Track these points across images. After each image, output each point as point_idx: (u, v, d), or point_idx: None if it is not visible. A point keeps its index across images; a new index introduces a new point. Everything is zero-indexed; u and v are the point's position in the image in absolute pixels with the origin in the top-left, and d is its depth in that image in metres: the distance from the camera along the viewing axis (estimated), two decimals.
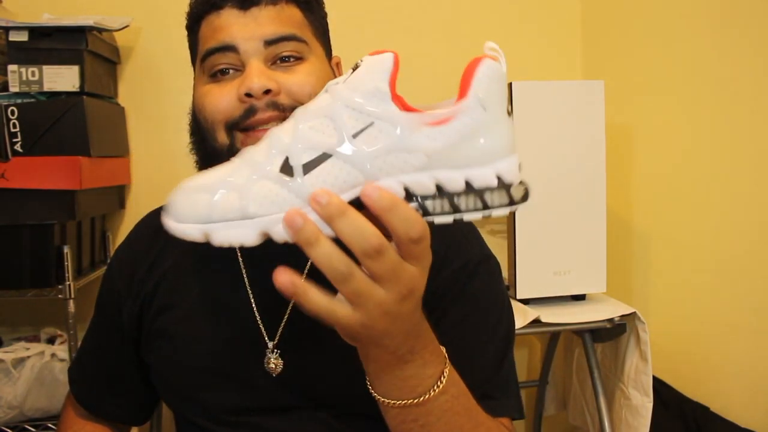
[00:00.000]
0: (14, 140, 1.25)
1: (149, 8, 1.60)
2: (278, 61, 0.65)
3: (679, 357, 1.39)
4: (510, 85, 1.30)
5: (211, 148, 0.66)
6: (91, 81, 1.37)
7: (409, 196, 0.43)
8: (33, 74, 1.30)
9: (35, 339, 1.47)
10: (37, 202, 1.25)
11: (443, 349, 0.56)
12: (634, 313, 1.30)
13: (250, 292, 0.72)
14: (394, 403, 0.53)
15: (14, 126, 1.24)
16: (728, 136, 1.26)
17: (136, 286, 0.76)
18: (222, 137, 0.65)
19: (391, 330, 0.47)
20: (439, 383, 0.53)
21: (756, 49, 1.19)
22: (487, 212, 0.44)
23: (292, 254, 0.47)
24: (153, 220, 0.81)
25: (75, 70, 1.32)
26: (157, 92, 1.64)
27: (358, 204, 0.43)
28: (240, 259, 0.74)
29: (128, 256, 0.80)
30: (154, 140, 1.64)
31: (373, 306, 0.45)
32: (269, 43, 0.64)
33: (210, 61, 0.65)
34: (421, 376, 0.52)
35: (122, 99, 1.61)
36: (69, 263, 1.28)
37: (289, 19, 0.67)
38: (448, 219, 0.44)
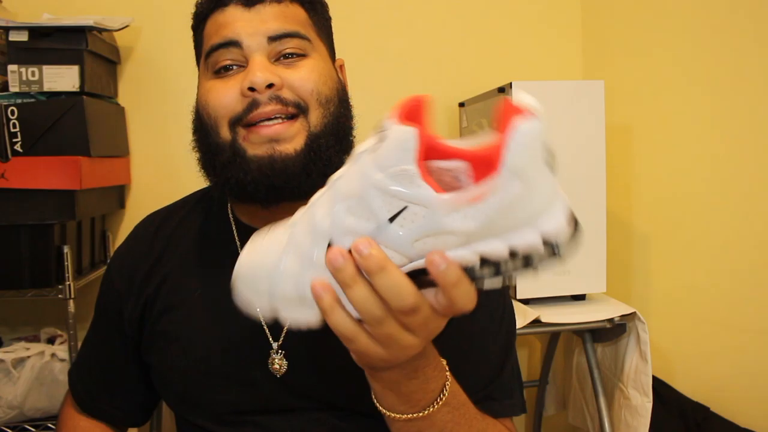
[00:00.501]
0: (14, 140, 1.25)
1: (149, 8, 1.60)
2: (281, 58, 0.66)
3: (679, 357, 1.39)
4: (510, 85, 1.30)
5: (213, 143, 0.66)
6: (91, 81, 1.37)
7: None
8: (33, 74, 1.30)
9: (35, 339, 1.47)
10: (37, 202, 1.25)
11: (444, 362, 0.57)
12: (634, 313, 1.30)
13: None
14: (399, 417, 0.54)
15: (14, 126, 1.24)
16: (728, 136, 1.26)
17: (137, 287, 0.76)
18: (224, 133, 0.65)
19: (405, 360, 0.49)
20: (441, 396, 0.54)
21: (756, 49, 1.19)
22: (535, 269, 0.42)
23: None
24: (152, 221, 0.81)
25: (75, 70, 1.32)
26: (157, 92, 1.64)
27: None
28: None
29: (128, 257, 0.79)
30: (154, 140, 1.64)
31: (398, 348, 0.46)
32: (273, 39, 0.64)
33: (214, 57, 0.66)
34: (425, 391, 0.53)
35: (122, 99, 1.61)
36: (69, 263, 1.28)
37: (293, 17, 0.67)
38: (497, 284, 0.43)
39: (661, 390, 1.34)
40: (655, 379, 1.31)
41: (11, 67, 1.30)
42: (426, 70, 1.73)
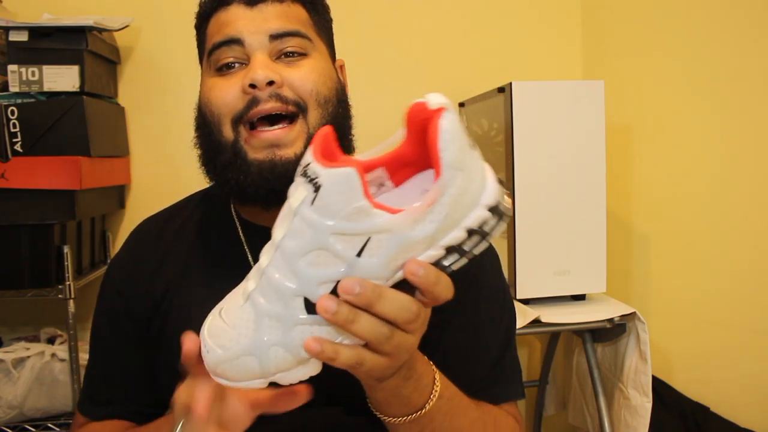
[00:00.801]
0: (14, 140, 1.25)
1: (149, 8, 1.60)
2: (282, 56, 0.67)
3: (679, 357, 1.39)
4: (510, 85, 1.30)
5: (216, 141, 0.67)
6: (91, 81, 1.37)
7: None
8: (33, 74, 1.30)
9: (35, 339, 1.47)
10: (37, 202, 1.25)
11: (425, 356, 0.58)
12: (634, 313, 1.30)
13: None
14: (403, 420, 0.55)
15: (14, 126, 1.24)
16: (728, 136, 1.26)
17: (143, 290, 0.75)
18: (227, 131, 0.66)
19: (405, 360, 0.51)
20: (435, 390, 0.56)
21: (756, 49, 1.19)
22: (490, 239, 0.45)
23: None
24: (153, 224, 0.80)
25: (75, 70, 1.32)
26: (157, 92, 1.64)
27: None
28: (251, 258, 0.73)
29: (130, 261, 0.78)
30: (154, 140, 1.64)
31: (403, 352, 0.48)
32: (274, 37, 0.65)
33: (216, 54, 0.67)
34: (420, 389, 0.55)
35: (122, 99, 1.61)
36: (69, 263, 1.28)
37: (295, 17, 0.68)
38: (464, 263, 0.46)
39: (661, 390, 1.34)
40: (655, 379, 1.31)
41: (11, 67, 1.30)
42: (426, 70, 1.73)
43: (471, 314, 0.72)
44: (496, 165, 1.42)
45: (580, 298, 1.40)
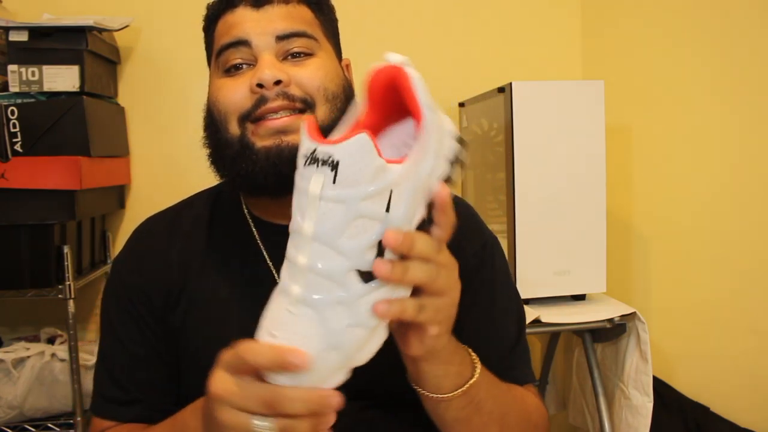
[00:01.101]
0: (14, 140, 1.25)
1: (149, 8, 1.60)
2: (289, 57, 0.68)
3: (679, 357, 1.39)
4: (510, 85, 1.30)
5: (223, 138, 0.68)
6: (91, 81, 1.37)
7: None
8: (33, 74, 1.30)
9: (35, 339, 1.47)
10: (37, 202, 1.25)
11: None
12: (634, 313, 1.30)
13: None
14: (456, 394, 0.59)
15: (14, 126, 1.25)
16: (728, 136, 1.26)
17: (157, 284, 0.74)
18: (234, 128, 0.67)
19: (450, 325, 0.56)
20: (475, 363, 0.61)
21: (756, 49, 1.19)
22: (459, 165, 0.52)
23: None
24: (158, 224, 0.79)
25: (75, 70, 1.32)
26: (157, 92, 1.64)
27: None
28: (266, 254, 0.73)
29: (138, 258, 0.77)
30: (154, 140, 1.64)
31: (453, 288, 0.53)
32: (281, 38, 0.67)
33: (224, 56, 0.68)
34: (465, 362, 0.60)
35: (122, 99, 1.61)
36: (69, 263, 1.28)
37: (301, 17, 0.70)
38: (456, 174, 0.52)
39: (661, 390, 1.34)
40: (655, 379, 1.31)
41: (11, 67, 1.30)
42: (426, 70, 1.72)
43: (487, 299, 0.76)
44: (496, 165, 1.42)
45: (580, 298, 1.40)
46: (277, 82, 0.65)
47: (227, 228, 0.76)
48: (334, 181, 0.44)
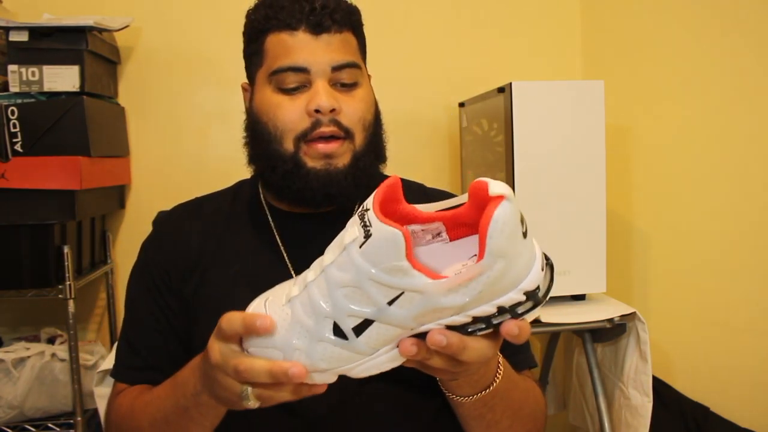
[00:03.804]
0: (14, 140, 1.25)
1: (149, 8, 1.60)
2: (338, 84, 0.76)
3: (679, 357, 1.39)
4: (510, 85, 1.30)
5: (274, 150, 0.76)
6: (91, 81, 1.37)
7: (450, 327, 0.49)
8: (33, 74, 1.31)
9: (35, 339, 1.47)
10: (37, 202, 1.25)
11: None
12: (634, 313, 1.30)
13: (292, 271, 0.78)
14: (471, 399, 0.63)
15: (14, 126, 1.25)
16: (728, 136, 1.26)
17: (176, 261, 0.80)
18: (288, 144, 0.75)
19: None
20: (499, 371, 0.64)
21: (756, 49, 1.19)
22: (520, 319, 0.48)
23: (329, 235, 0.54)
24: (182, 209, 0.87)
25: (75, 70, 1.32)
26: (157, 92, 1.64)
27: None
28: (278, 239, 0.80)
29: (164, 235, 0.84)
30: (154, 140, 1.64)
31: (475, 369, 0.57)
32: (336, 68, 0.75)
33: (281, 76, 0.75)
34: (488, 372, 0.63)
35: (122, 99, 1.61)
36: (69, 263, 1.28)
37: (350, 46, 0.77)
38: (488, 332, 0.50)
39: (661, 390, 1.34)
40: (654, 379, 1.31)
41: (11, 67, 1.30)
42: (426, 70, 1.73)
43: None
44: (496, 165, 1.42)
45: (580, 298, 1.40)
46: (332, 110, 0.73)
47: (245, 215, 0.84)
48: (360, 246, 0.46)
